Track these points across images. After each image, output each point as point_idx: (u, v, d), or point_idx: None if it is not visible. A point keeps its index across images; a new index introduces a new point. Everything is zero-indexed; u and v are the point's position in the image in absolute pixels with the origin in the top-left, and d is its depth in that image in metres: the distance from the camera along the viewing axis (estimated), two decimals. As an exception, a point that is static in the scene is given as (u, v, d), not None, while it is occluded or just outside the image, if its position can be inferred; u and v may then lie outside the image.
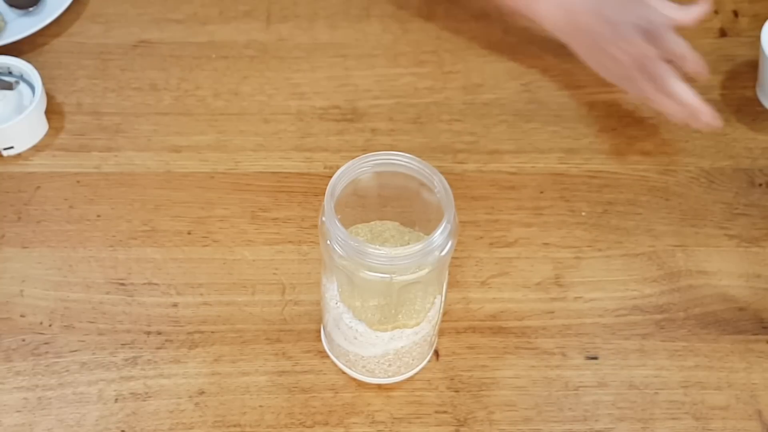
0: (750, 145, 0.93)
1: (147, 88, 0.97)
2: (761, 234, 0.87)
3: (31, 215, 0.87)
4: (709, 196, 0.90)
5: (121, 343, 0.80)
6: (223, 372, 0.78)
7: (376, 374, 0.77)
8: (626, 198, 0.90)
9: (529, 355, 0.80)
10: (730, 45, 1.01)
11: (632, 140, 0.94)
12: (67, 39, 1.01)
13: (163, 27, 1.02)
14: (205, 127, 0.94)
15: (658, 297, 0.83)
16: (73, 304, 0.82)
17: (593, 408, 0.77)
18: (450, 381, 0.78)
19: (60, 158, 0.92)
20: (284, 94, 0.97)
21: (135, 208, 0.88)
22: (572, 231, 0.87)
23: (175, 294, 0.83)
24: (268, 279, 0.84)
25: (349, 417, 0.76)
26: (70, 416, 0.76)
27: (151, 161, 0.91)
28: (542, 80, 0.98)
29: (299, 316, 0.82)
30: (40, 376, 0.78)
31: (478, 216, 0.88)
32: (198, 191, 0.89)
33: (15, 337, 0.80)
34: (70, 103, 0.96)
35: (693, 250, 0.86)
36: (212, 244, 0.86)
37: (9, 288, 0.83)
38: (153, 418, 0.76)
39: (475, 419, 0.76)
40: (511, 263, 0.85)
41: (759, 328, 0.82)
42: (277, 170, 0.91)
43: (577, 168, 0.92)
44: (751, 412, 0.77)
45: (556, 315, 0.82)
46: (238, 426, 0.76)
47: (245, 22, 1.02)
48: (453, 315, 0.82)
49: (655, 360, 0.80)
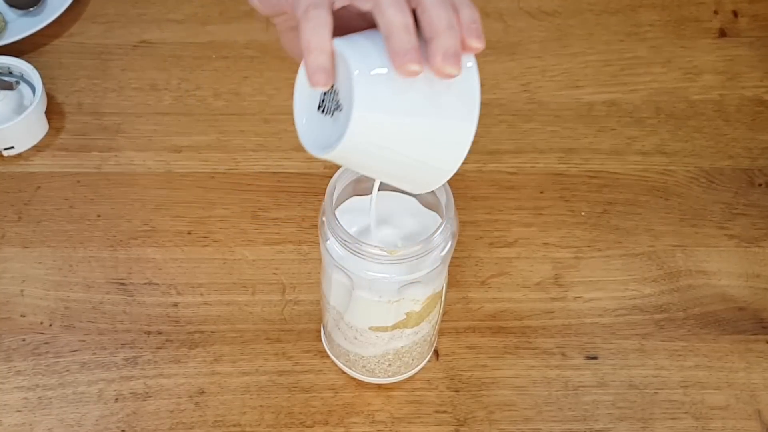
0: (750, 145, 0.93)
1: (147, 88, 0.97)
2: (761, 234, 0.87)
3: (32, 215, 0.88)
4: (708, 196, 0.90)
5: (121, 342, 0.80)
6: (223, 372, 0.79)
7: (376, 374, 0.77)
8: (626, 198, 0.90)
9: (529, 355, 0.80)
10: (730, 45, 1.01)
11: (632, 140, 0.94)
12: (67, 39, 1.01)
13: (163, 27, 1.02)
14: (206, 127, 0.94)
15: (658, 297, 0.83)
16: (74, 304, 0.82)
17: (593, 408, 0.77)
18: (450, 381, 0.79)
19: (60, 158, 0.92)
20: (284, 94, 0.97)
21: (135, 208, 0.88)
22: (572, 231, 0.87)
23: (175, 294, 0.83)
24: (268, 279, 0.84)
25: (349, 417, 0.77)
26: (71, 416, 0.76)
27: (151, 161, 0.91)
28: (542, 80, 0.98)
29: (299, 316, 0.82)
30: (40, 375, 0.78)
31: (478, 216, 0.88)
32: (198, 191, 0.89)
33: (15, 336, 0.80)
34: (71, 103, 0.96)
35: (693, 250, 0.86)
36: (212, 244, 0.86)
37: (9, 288, 0.83)
38: (153, 418, 0.76)
39: (475, 419, 0.76)
40: (510, 263, 0.85)
41: (759, 328, 0.82)
42: (277, 170, 0.91)
43: (576, 168, 0.92)
44: (750, 412, 0.77)
45: (555, 315, 0.82)
46: (238, 426, 0.76)
47: (245, 22, 1.02)
48: (453, 315, 0.82)
49: (655, 360, 0.80)
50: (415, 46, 0.51)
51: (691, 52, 1.00)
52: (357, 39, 0.54)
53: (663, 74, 0.99)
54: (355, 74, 0.52)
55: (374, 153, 0.54)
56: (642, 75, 0.99)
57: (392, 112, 0.53)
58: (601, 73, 0.99)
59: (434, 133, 0.55)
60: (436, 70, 0.51)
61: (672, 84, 0.98)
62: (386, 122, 0.53)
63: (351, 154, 0.54)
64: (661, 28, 1.03)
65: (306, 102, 0.57)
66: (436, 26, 0.51)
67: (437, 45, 0.51)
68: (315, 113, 0.56)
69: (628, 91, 0.97)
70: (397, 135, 0.54)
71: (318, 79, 0.52)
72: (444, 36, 0.51)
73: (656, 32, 1.02)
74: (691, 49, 1.01)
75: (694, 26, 1.03)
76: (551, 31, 1.02)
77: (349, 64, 0.52)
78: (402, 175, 0.58)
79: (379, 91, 0.52)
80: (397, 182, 0.60)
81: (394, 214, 0.70)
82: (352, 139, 0.53)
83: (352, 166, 0.59)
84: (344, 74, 0.53)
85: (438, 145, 0.55)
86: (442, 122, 0.54)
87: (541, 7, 1.04)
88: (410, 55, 0.51)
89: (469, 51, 0.53)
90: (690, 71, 0.99)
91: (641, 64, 0.99)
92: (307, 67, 0.52)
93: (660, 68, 0.99)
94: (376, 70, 0.52)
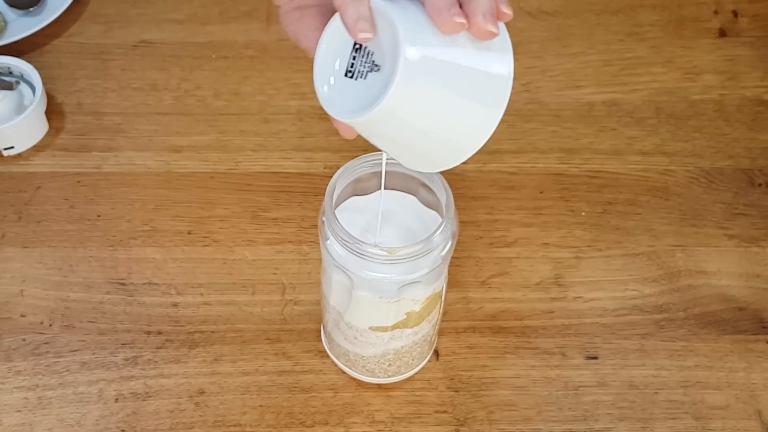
0: (750, 145, 0.93)
1: (147, 88, 0.97)
2: (761, 234, 0.87)
3: (32, 215, 0.88)
4: (708, 196, 0.90)
5: (121, 342, 0.80)
6: (223, 372, 0.79)
7: (376, 374, 0.77)
8: (626, 198, 0.90)
9: (529, 355, 0.80)
10: (730, 45, 1.01)
11: (632, 140, 0.94)
12: (67, 39, 1.01)
13: (163, 27, 1.02)
14: (206, 127, 0.94)
15: (658, 297, 0.83)
16: (74, 304, 0.82)
17: (593, 408, 0.77)
18: (450, 381, 0.79)
19: (60, 158, 0.92)
20: (284, 94, 0.97)
21: (135, 208, 0.88)
22: (572, 231, 0.87)
23: (175, 294, 0.83)
24: (268, 279, 0.84)
25: (349, 417, 0.76)
26: (71, 416, 0.76)
27: (151, 161, 0.91)
28: (542, 80, 0.98)
29: (299, 316, 0.82)
30: (40, 375, 0.78)
31: (478, 216, 0.88)
32: (198, 191, 0.89)
33: (15, 336, 0.80)
34: (71, 103, 0.96)
35: (693, 250, 0.86)
36: (212, 244, 0.86)
37: (9, 288, 0.83)
38: (153, 418, 0.76)
39: (475, 419, 0.76)
40: (510, 263, 0.85)
41: (759, 328, 0.82)
42: (277, 170, 0.91)
43: (576, 168, 0.92)
44: (750, 412, 0.77)
45: (555, 315, 0.82)
46: (238, 426, 0.76)
47: (245, 22, 1.02)
48: (453, 315, 0.82)
49: (655, 360, 0.80)
50: (455, 1, 0.51)
51: (691, 52, 1.00)
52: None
53: (663, 74, 0.99)
54: (401, 31, 0.51)
55: (406, 120, 0.53)
56: (642, 75, 0.99)
57: (434, 75, 0.52)
58: (601, 73, 0.99)
59: (469, 104, 0.54)
60: (477, 28, 0.51)
61: (672, 84, 0.98)
62: (428, 86, 0.52)
63: (384, 119, 0.53)
64: (661, 28, 1.03)
65: (330, 67, 0.55)
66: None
67: (476, 4, 0.51)
68: (342, 79, 0.55)
69: (629, 91, 0.97)
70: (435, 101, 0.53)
71: (362, 26, 0.51)
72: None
73: (656, 32, 1.02)
74: (691, 49, 1.01)
75: (694, 26, 1.03)
76: (551, 31, 1.02)
77: (393, 22, 0.51)
78: (422, 150, 0.57)
79: (425, 51, 0.51)
80: (414, 157, 0.59)
81: (394, 214, 0.70)
82: (393, 99, 0.51)
83: (376, 135, 0.56)
84: (386, 33, 0.51)
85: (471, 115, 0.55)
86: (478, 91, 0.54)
87: (541, 7, 1.04)
88: (454, 8, 0.51)
89: (501, 18, 0.53)
90: (690, 71, 0.99)
91: (641, 64, 1.00)
92: (348, 18, 0.51)
93: (660, 68, 0.99)
94: (420, 29, 0.51)
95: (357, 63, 0.54)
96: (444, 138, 0.56)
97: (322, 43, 0.56)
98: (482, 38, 0.52)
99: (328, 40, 0.55)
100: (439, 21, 0.51)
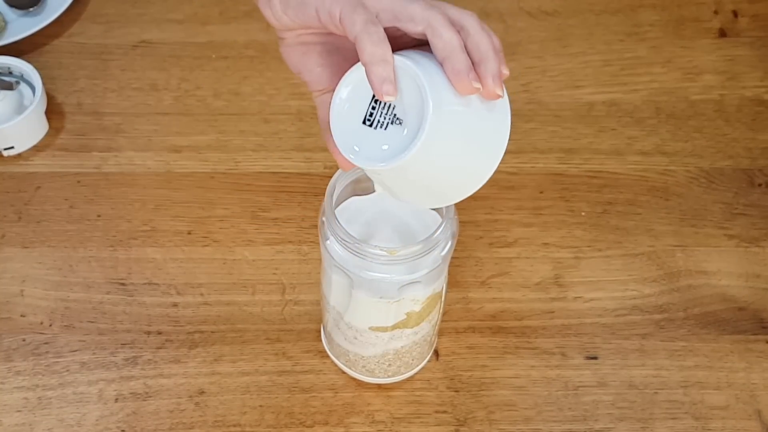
0: (750, 145, 0.93)
1: (147, 88, 0.97)
2: (761, 234, 0.87)
3: (32, 215, 0.88)
4: (708, 196, 0.90)
5: (121, 343, 0.80)
6: (223, 372, 0.79)
7: (376, 374, 0.77)
8: (626, 198, 0.90)
9: (529, 355, 0.80)
10: (730, 45, 1.01)
11: (632, 140, 0.94)
12: (67, 39, 1.01)
13: (163, 27, 1.02)
14: (206, 127, 0.94)
15: (658, 297, 0.83)
16: (74, 304, 0.82)
17: (593, 408, 0.77)
18: (450, 381, 0.79)
19: (60, 158, 0.92)
20: (284, 94, 0.97)
21: (135, 208, 0.88)
22: (572, 231, 0.87)
23: (175, 294, 0.83)
24: (268, 279, 0.84)
25: (349, 417, 0.76)
26: (71, 416, 0.76)
27: (151, 161, 0.91)
28: (542, 80, 0.98)
29: (299, 316, 0.82)
30: (40, 375, 0.78)
31: (478, 216, 0.88)
32: (198, 191, 0.89)
33: (15, 336, 0.80)
34: (71, 103, 0.96)
35: (692, 250, 0.86)
36: (212, 244, 0.86)
37: (9, 288, 0.83)
38: (153, 418, 0.76)
39: (475, 419, 0.76)
40: (510, 263, 0.85)
41: (759, 328, 0.82)
42: (277, 170, 0.91)
43: (576, 168, 0.92)
44: (750, 412, 0.77)
45: (555, 315, 0.82)
46: (238, 426, 0.76)
47: (245, 22, 1.02)
48: (453, 315, 0.82)
49: (655, 360, 0.80)
50: (472, 66, 0.55)
51: (691, 52, 1.00)
52: (415, 56, 0.55)
53: (663, 74, 0.99)
54: (429, 94, 0.54)
55: (420, 170, 0.56)
56: (642, 75, 0.99)
57: (452, 132, 0.55)
58: (601, 73, 0.99)
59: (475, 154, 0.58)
60: (487, 91, 0.55)
61: (672, 84, 0.98)
62: (445, 142, 0.55)
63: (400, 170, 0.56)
64: (661, 28, 1.03)
65: (346, 114, 0.58)
66: (483, 50, 0.55)
67: (486, 68, 0.55)
68: (359, 126, 0.57)
69: (628, 91, 0.97)
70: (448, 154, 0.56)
71: (387, 89, 0.54)
72: (491, 60, 0.55)
73: (656, 32, 1.02)
74: (691, 49, 1.01)
75: (694, 26, 1.03)
76: (551, 31, 1.02)
77: (420, 82, 0.54)
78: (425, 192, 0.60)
79: (445, 111, 0.54)
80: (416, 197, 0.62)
81: (394, 214, 0.70)
82: (417, 155, 0.54)
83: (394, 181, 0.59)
84: (410, 91, 0.55)
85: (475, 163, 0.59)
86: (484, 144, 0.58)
87: (541, 7, 1.04)
88: (472, 73, 0.55)
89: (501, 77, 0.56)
90: (690, 71, 0.99)
91: (641, 64, 1.00)
92: (375, 78, 0.54)
93: (660, 68, 0.99)
94: (440, 88, 0.55)
95: (377, 113, 0.57)
96: (448, 182, 0.59)
97: (341, 89, 0.58)
98: (489, 99, 0.56)
99: (350, 88, 0.58)
100: (458, 84, 0.54)
